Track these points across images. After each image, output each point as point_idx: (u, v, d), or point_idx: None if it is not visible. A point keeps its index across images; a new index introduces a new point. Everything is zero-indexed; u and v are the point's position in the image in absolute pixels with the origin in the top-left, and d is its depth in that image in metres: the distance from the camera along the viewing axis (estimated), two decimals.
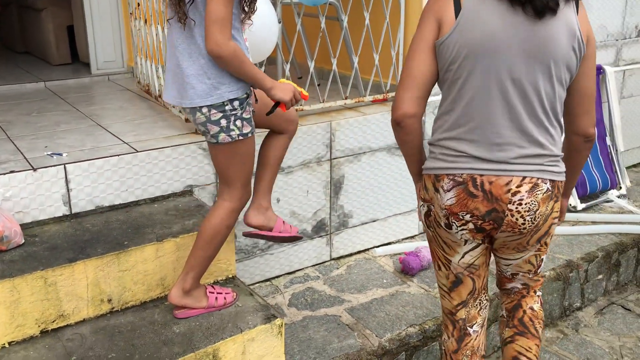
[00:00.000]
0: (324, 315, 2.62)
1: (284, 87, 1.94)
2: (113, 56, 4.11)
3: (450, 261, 1.87)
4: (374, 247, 3.21)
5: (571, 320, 3.11)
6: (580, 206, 3.70)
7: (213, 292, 2.12)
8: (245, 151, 1.97)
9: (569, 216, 3.61)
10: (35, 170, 2.22)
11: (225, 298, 2.13)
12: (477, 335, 1.98)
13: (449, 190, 1.72)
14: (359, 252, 3.20)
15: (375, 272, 3.00)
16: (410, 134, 1.76)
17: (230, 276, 2.34)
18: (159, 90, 3.11)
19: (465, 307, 1.94)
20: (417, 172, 1.90)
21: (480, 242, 1.82)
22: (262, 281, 2.89)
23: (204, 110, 1.86)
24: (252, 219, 2.21)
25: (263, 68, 2.82)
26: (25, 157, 2.35)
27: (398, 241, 3.31)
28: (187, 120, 2.69)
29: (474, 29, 1.61)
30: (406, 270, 2.96)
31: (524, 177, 1.68)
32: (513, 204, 1.68)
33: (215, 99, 1.84)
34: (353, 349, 2.39)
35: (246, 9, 1.87)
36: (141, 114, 3.04)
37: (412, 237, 3.37)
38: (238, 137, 1.91)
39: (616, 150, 4.00)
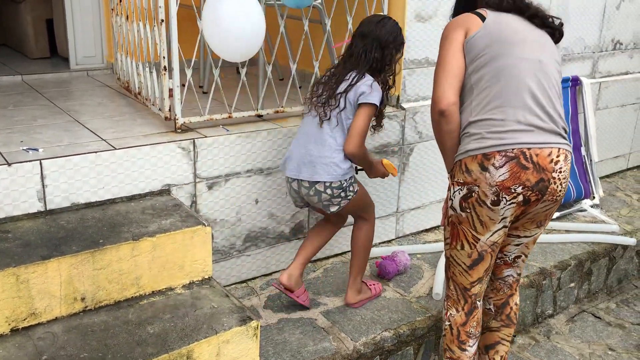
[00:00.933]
0: (299, 318, 2.62)
1: (376, 171, 2.60)
2: (93, 51, 4.06)
3: (479, 240, 2.01)
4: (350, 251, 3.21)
5: (543, 327, 3.15)
6: (554, 214, 3.75)
7: (372, 285, 2.80)
8: (360, 197, 2.53)
9: None
10: (10, 165, 2.18)
11: (377, 289, 2.80)
12: (481, 308, 2.20)
13: (501, 166, 1.87)
14: (336, 255, 3.20)
15: None
16: (453, 123, 1.98)
17: (207, 277, 2.33)
18: (138, 87, 3.08)
19: (479, 283, 2.12)
20: (452, 164, 2.10)
21: (512, 221, 2.00)
22: (238, 282, 2.88)
23: (328, 191, 2.41)
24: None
25: (245, 69, 2.81)
26: None
27: (375, 245, 3.33)
28: (166, 118, 2.67)
29: (500, 26, 1.96)
30: (382, 274, 2.98)
31: (559, 149, 1.92)
32: (556, 172, 1.91)
33: (336, 179, 2.39)
34: (328, 352, 2.39)
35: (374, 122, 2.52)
36: (120, 111, 3.01)
37: (389, 241, 3.39)
38: (353, 195, 2.48)
39: (590, 161, 4.07)
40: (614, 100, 4.38)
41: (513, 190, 1.89)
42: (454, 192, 2.03)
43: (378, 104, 2.38)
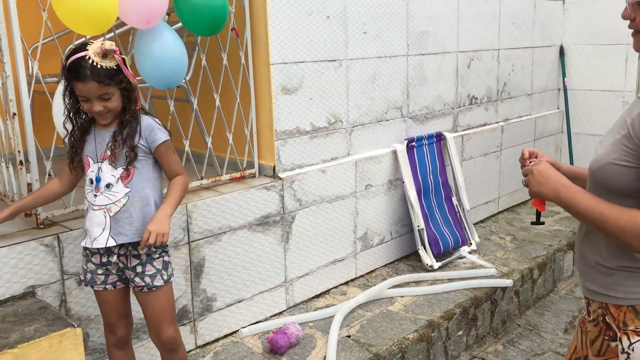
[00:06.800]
0: None
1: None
2: None
3: None
4: (241, 328, 3.12)
5: None
6: (436, 265, 3.89)
7: None
8: None
9: (426, 276, 3.78)
10: None
11: None
12: None
13: None
14: (225, 335, 3.09)
15: (243, 355, 2.91)
16: None
17: None
18: None
19: None
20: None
21: None
22: None
23: None
24: None
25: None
26: None
27: (266, 319, 3.26)
28: (27, 215, 2.49)
29: None
30: (274, 349, 2.90)
31: None
32: None
33: None
34: None
35: None
36: None
37: (280, 313, 3.33)
38: None
39: (463, 209, 4.30)
40: (476, 150, 4.70)
41: None
42: (633, 343, 1.64)
43: None
